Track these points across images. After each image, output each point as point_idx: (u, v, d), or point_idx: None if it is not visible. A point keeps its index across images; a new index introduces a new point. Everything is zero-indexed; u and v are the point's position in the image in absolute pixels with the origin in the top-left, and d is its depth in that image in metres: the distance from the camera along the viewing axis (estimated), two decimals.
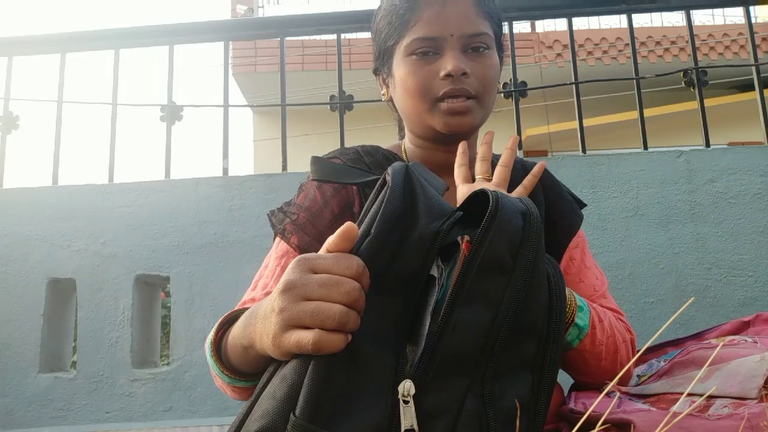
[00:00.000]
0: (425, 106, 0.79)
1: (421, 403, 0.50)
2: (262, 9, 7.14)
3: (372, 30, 0.88)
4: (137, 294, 1.61)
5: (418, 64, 0.79)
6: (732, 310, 1.53)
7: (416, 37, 0.78)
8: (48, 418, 1.52)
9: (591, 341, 0.73)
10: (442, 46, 0.78)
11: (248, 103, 7.08)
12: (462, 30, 0.78)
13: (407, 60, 0.80)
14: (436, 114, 0.79)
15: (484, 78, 0.79)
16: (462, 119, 0.79)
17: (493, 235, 0.53)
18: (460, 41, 0.78)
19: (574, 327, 0.71)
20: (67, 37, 1.88)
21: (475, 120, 0.80)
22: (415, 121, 0.84)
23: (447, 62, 0.77)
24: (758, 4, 1.93)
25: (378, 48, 0.86)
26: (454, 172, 0.84)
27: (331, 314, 0.48)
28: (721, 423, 0.52)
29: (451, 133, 0.80)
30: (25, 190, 1.70)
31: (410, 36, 0.79)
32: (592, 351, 0.73)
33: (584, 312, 0.72)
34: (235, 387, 0.68)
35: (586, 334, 0.72)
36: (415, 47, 0.79)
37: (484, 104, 0.81)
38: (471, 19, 0.79)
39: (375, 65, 0.89)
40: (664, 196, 1.62)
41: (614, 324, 0.78)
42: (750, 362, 0.61)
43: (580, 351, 0.73)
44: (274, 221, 0.83)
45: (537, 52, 6.49)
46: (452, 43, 0.78)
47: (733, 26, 6.44)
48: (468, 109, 0.78)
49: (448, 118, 0.79)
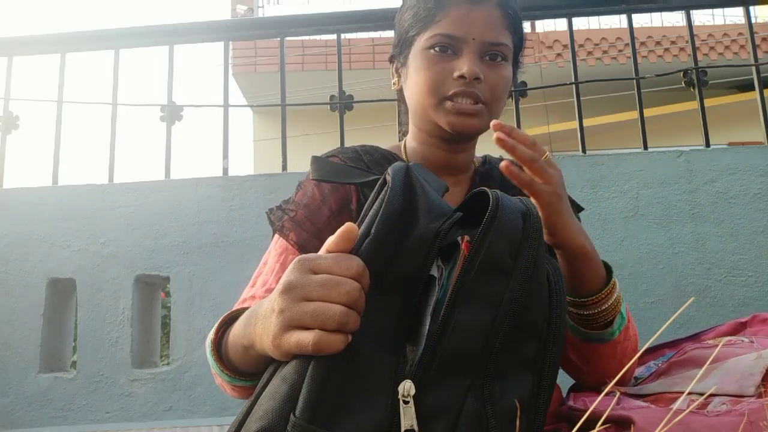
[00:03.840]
0: (433, 101, 0.80)
1: (421, 403, 0.50)
2: (262, 9, 7.14)
3: (396, 18, 0.89)
4: (137, 294, 1.61)
5: (434, 59, 0.79)
6: (732, 310, 1.53)
7: (439, 33, 0.79)
8: (48, 418, 1.52)
9: (625, 335, 0.75)
10: (462, 47, 0.79)
11: (248, 103, 7.08)
12: (484, 36, 0.78)
13: (425, 53, 0.80)
14: (442, 112, 0.80)
15: (495, 86, 0.80)
16: (467, 120, 0.79)
17: (493, 235, 0.53)
18: (480, 46, 0.79)
19: (620, 316, 0.73)
20: (67, 37, 1.88)
21: (481, 124, 0.80)
22: (421, 115, 0.84)
23: (463, 63, 0.78)
24: (758, 4, 1.93)
25: (398, 36, 0.87)
26: (454, 172, 0.84)
27: (331, 315, 0.48)
28: (720, 419, 0.53)
29: (454, 132, 0.80)
30: (25, 190, 1.70)
31: (433, 30, 0.80)
32: (623, 344, 0.75)
33: (623, 304, 0.75)
34: (235, 386, 0.69)
35: (624, 326, 0.74)
36: (436, 42, 0.79)
37: (492, 112, 0.81)
38: (495, 28, 0.79)
39: (392, 52, 0.90)
40: (664, 196, 1.62)
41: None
42: (747, 360, 0.62)
43: (616, 342, 0.74)
44: (273, 219, 0.84)
45: (537, 52, 6.49)
46: (472, 46, 0.78)
47: (733, 26, 6.44)
48: (476, 112, 0.79)
49: (453, 117, 0.79)
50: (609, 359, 0.76)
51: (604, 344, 0.74)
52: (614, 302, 0.72)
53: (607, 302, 0.72)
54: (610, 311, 0.72)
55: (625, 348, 0.76)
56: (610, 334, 0.73)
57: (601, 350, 0.75)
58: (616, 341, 0.74)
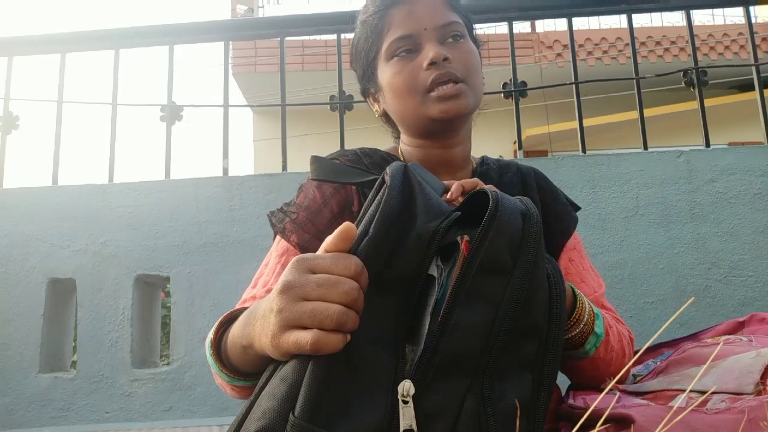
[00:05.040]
0: (417, 99, 0.81)
1: (421, 403, 0.50)
2: (262, 9, 7.15)
3: (352, 58, 0.91)
4: (137, 294, 1.61)
5: (401, 63, 0.81)
6: (732, 310, 1.53)
7: (393, 39, 0.81)
8: (48, 418, 1.52)
9: (605, 348, 0.74)
10: (419, 41, 0.81)
11: (248, 103, 7.08)
12: (434, 22, 0.81)
13: (390, 63, 0.82)
14: (429, 104, 0.80)
15: (466, 61, 0.81)
16: (456, 102, 0.79)
17: (492, 235, 0.53)
18: (435, 33, 0.81)
19: (593, 335, 0.72)
20: (67, 37, 1.88)
21: (469, 102, 0.81)
22: (410, 119, 0.84)
23: (427, 52, 0.79)
24: (758, 4, 1.93)
25: (361, 69, 0.89)
26: (452, 170, 0.84)
27: (330, 314, 0.48)
28: (720, 417, 0.53)
29: (448, 118, 0.80)
30: (25, 190, 1.70)
31: (387, 40, 0.81)
32: (605, 358, 0.74)
33: (600, 319, 0.73)
34: (234, 386, 0.69)
35: (602, 341, 0.73)
36: (394, 48, 0.81)
37: (473, 87, 0.82)
38: (440, 12, 0.82)
39: (362, 87, 0.91)
40: (664, 196, 1.62)
41: (618, 328, 0.79)
42: (746, 358, 0.62)
43: (594, 359, 0.73)
44: (274, 221, 0.84)
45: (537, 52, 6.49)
46: (428, 35, 0.80)
47: (733, 26, 6.44)
48: (459, 91, 0.79)
49: (441, 104, 0.79)
50: (593, 371, 0.75)
51: (582, 360, 0.74)
52: (583, 328, 0.70)
53: (575, 330, 0.70)
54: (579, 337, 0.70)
55: (610, 359, 0.75)
56: (584, 353, 0.72)
57: (580, 365, 0.75)
58: (594, 357, 0.73)
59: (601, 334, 0.72)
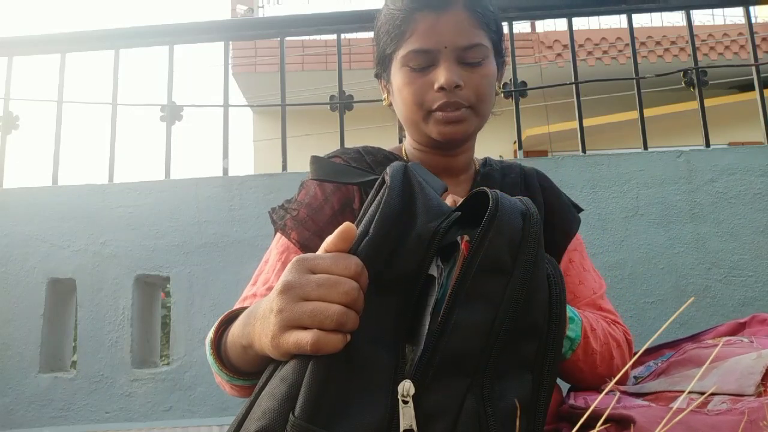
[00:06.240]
0: (420, 115, 0.81)
1: (421, 403, 0.50)
2: (262, 9, 7.15)
3: (374, 34, 0.89)
4: (137, 294, 1.61)
5: (413, 76, 0.80)
6: (732, 310, 1.53)
7: (411, 50, 0.79)
8: (48, 418, 1.52)
9: (584, 351, 0.74)
10: (437, 57, 0.79)
11: (248, 103, 7.07)
12: (456, 42, 0.78)
13: (403, 70, 0.81)
14: (430, 123, 0.80)
15: (478, 89, 0.79)
16: (456, 128, 0.80)
17: (492, 235, 0.53)
18: (455, 53, 0.78)
19: (566, 339, 0.72)
20: (67, 37, 1.88)
21: (469, 128, 0.81)
22: (412, 128, 0.85)
23: (440, 75, 0.77)
24: (758, 4, 1.93)
25: (378, 54, 0.87)
26: (454, 174, 0.84)
27: (330, 314, 0.48)
28: (721, 418, 0.53)
29: (445, 141, 0.81)
30: (25, 190, 1.70)
31: (406, 47, 0.80)
32: (586, 360, 0.74)
33: (575, 323, 0.73)
34: (234, 385, 0.69)
35: (578, 345, 0.73)
36: (410, 59, 0.79)
37: (479, 113, 0.81)
38: (465, 31, 0.78)
39: (376, 70, 0.90)
40: (664, 196, 1.62)
41: (608, 330, 0.79)
42: (747, 359, 0.62)
43: (573, 361, 0.74)
44: (275, 218, 0.84)
45: (537, 52, 6.49)
46: (446, 54, 0.78)
47: (733, 26, 6.44)
48: (462, 117, 0.79)
49: (441, 127, 0.80)
50: (577, 373, 0.76)
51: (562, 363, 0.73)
52: None
53: None
54: None
55: (593, 361, 0.75)
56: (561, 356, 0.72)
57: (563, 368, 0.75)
58: (573, 360, 0.73)
59: (576, 338, 0.73)
